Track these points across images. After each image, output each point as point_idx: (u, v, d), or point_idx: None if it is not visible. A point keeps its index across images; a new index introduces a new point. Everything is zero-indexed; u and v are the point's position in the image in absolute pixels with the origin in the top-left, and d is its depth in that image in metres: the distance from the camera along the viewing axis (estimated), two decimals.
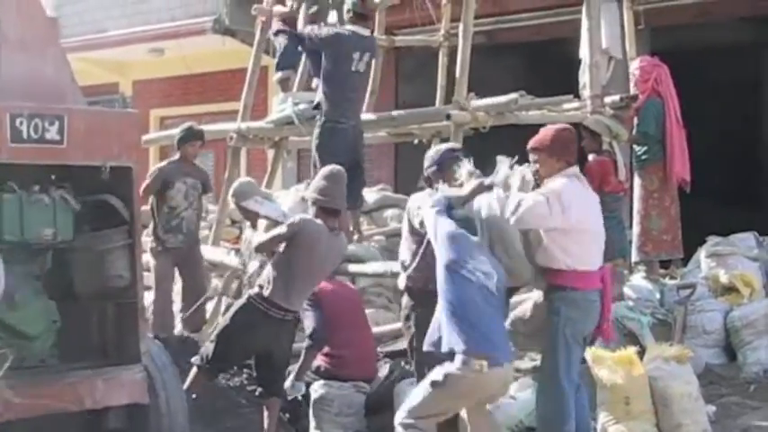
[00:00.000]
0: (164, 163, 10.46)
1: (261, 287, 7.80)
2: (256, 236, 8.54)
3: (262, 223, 9.01)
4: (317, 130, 9.98)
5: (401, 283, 7.54)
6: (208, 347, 7.96)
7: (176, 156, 10.39)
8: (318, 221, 7.79)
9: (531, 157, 6.91)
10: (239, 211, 9.41)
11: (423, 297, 7.20)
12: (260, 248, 8.06)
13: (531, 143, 6.94)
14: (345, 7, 10.17)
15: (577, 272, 6.74)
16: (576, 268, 6.73)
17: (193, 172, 10.28)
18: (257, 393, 8.41)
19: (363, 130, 10.36)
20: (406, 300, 7.54)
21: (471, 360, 6.36)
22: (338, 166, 8.16)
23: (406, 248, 7.50)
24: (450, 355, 6.44)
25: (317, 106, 10.06)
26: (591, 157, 9.81)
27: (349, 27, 10.02)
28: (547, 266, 6.79)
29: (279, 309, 7.75)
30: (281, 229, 7.81)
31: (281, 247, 7.79)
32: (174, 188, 10.00)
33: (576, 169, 6.91)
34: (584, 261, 6.77)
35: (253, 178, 10.92)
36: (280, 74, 11.31)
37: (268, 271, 7.84)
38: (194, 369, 7.95)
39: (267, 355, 7.96)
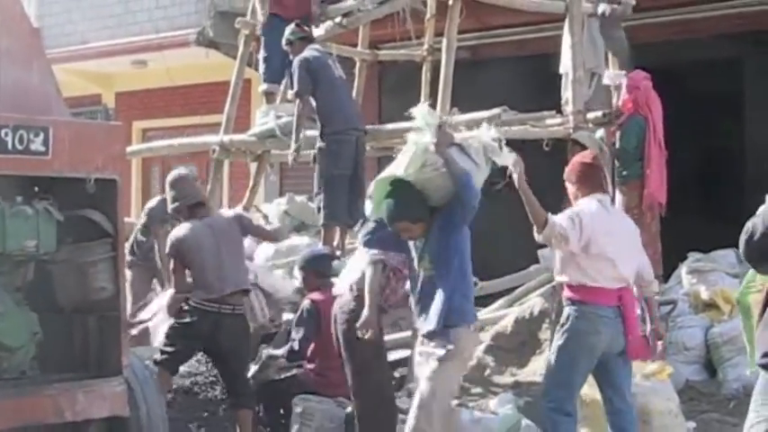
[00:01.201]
0: (153, 203, 10.48)
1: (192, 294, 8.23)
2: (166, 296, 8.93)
3: None
4: (320, 144, 9.93)
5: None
6: (161, 346, 8.44)
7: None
8: (185, 226, 8.29)
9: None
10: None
11: None
12: (179, 289, 8.37)
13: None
14: (288, 39, 10.25)
15: (588, 287, 6.80)
16: (587, 283, 6.80)
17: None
18: (228, 405, 8.55)
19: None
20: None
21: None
22: (178, 171, 8.68)
23: None
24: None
25: (321, 126, 10.01)
26: None
27: (308, 48, 10.11)
28: (561, 280, 6.95)
29: (211, 301, 8.12)
30: (166, 253, 8.56)
31: (180, 260, 8.29)
32: (163, 229, 10.09)
33: (602, 196, 7.08)
34: (597, 279, 6.82)
35: (234, 191, 10.95)
36: (266, 86, 11.33)
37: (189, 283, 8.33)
38: (156, 368, 8.13)
39: (215, 351, 8.34)
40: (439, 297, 6.59)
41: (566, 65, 10.70)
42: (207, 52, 16.03)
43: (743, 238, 4.97)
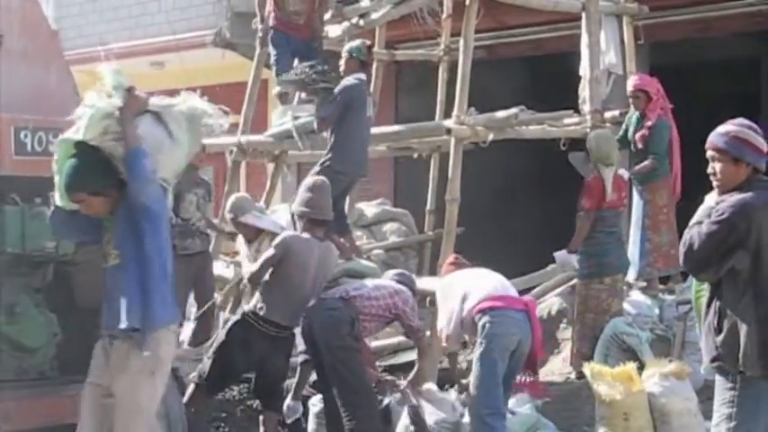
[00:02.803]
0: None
1: (256, 305, 7.85)
2: (245, 266, 8.61)
3: (243, 250, 9.28)
4: (321, 169, 9.74)
5: None
6: (205, 364, 7.97)
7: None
8: (305, 235, 7.90)
9: None
10: (235, 227, 9.40)
11: None
12: (253, 279, 8.00)
13: None
14: (349, 54, 9.88)
15: (492, 296, 7.45)
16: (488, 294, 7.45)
17: (201, 184, 10.36)
18: (255, 406, 8.46)
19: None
20: None
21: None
22: (322, 177, 8.42)
23: None
24: None
25: (328, 155, 9.75)
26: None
27: (357, 75, 9.81)
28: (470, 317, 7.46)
29: (276, 327, 7.81)
30: (270, 253, 7.84)
31: (274, 266, 7.85)
32: (185, 200, 10.02)
33: None
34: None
35: (252, 192, 10.94)
36: (278, 88, 11.32)
37: (263, 289, 7.89)
38: (192, 385, 7.95)
39: (264, 371, 8.02)
40: (130, 294, 5.82)
41: (583, 64, 10.68)
42: (224, 53, 16.03)
43: (682, 250, 5.29)
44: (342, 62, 9.93)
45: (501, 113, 9.86)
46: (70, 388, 6.54)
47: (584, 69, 10.66)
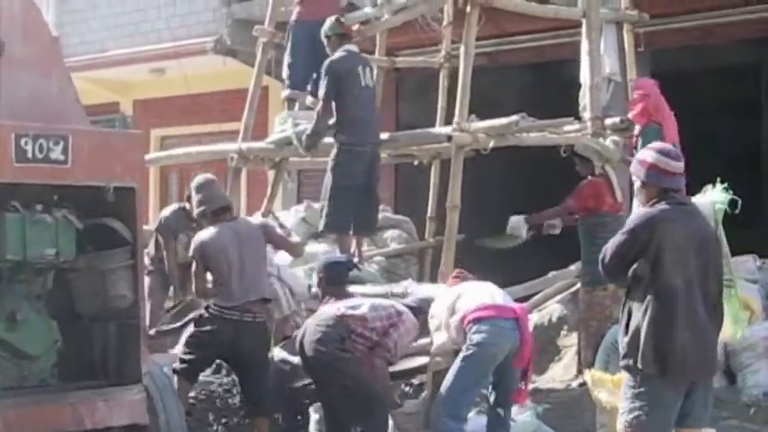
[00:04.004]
0: (167, 212, 10.43)
1: (212, 299, 8.27)
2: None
3: None
4: (333, 152, 9.91)
5: None
6: (180, 354, 8.41)
7: (182, 205, 10.34)
8: (211, 230, 8.31)
9: None
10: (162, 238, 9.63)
11: None
12: (199, 292, 8.45)
13: None
14: (326, 37, 10.15)
15: (481, 306, 7.47)
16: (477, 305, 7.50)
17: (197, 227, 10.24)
18: (245, 413, 8.55)
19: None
20: None
21: None
22: (205, 175, 8.74)
23: None
24: None
25: (335, 134, 9.99)
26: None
27: (343, 48, 10.03)
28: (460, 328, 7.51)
29: (236, 310, 8.13)
30: (194, 265, 8.38)
31: (203, 266, 8.31)
32: (180, 242, 10.03)
33: None
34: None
35: (252, 199, 10.94)
36: (288, 91, 11.31)
37: (212, 286, 8.35)
38: (175, 376, 8.16)
39: (237, 360, 8.34)
40: None
41: (584, 72, 10.68)
42: (224, 60, 16.05)
43: (599, 258, 6.06)
44: (327, 49, 10.15)
45: (502, 121, 9.86)
46: (71, 395, 6.54)
47: (584, 77, 10.66)
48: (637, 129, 10.16)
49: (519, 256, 11.43)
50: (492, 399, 7.62)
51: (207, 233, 8.32)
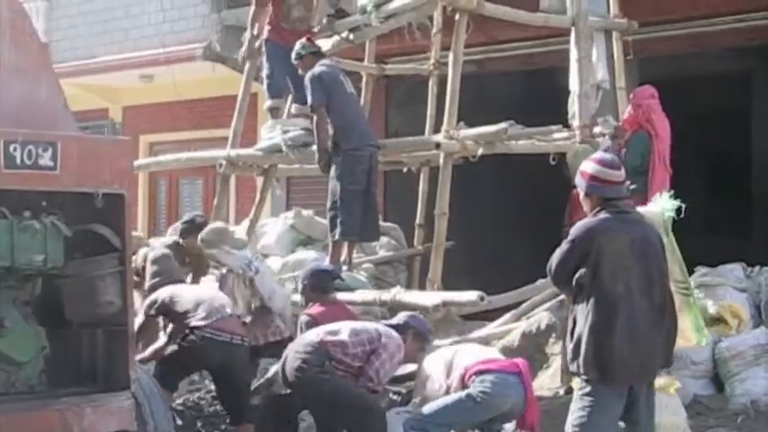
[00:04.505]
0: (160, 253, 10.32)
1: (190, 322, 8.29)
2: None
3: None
4: (337, 159, 9.89)
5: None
6: (156, 372, 8.29)
7: (174, 240, 10.04)
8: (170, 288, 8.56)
9: None
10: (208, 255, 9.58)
11: None
12: (141, 333, 8.28)
13: None
14: (299, 57, 10.27)
15: (481, 361, 7.39)
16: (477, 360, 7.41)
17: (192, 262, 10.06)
18: (228, 421, 8.56)
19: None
20: None
21: None
22: (160, 251, 9.09)
23: None
24: None
25: (334, 142, 9.98)
26: None
27: (319, 64, 10.08)
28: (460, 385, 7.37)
29: (223, 331, 8.18)
30: (146, 314, 8.45)
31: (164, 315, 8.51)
32: None
33: None
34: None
35: (241, 206, 10.93)
36: (270, 102, 11.37)
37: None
38: None
39: (223, 380, 8.42)
40: None
41: (573, 79, 10.70)
42: (213, 66, 16.06)
43: (547, 267, 6.24)
44: (299, 70, 10.22)
45: (490, 128, 9.88)
46: (59, 402, 6.52)
47: (573, 84, 10.68)
48: (625, 135, 10.20)
49: (507, 264, 11.45)
50: None
51: (165, 292, 8.53)
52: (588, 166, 6.21)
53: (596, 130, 10.36)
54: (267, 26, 11.38)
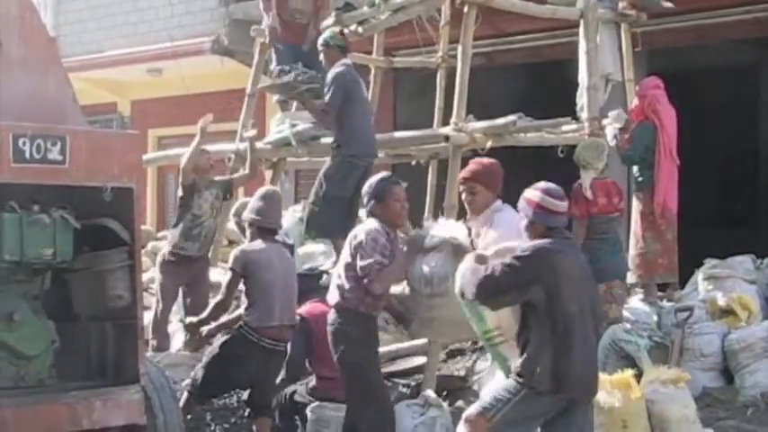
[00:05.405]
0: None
1: (247, 317, 7.99)
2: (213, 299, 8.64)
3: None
4: (335, 159, 9.79)
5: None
6: (198, 373, 8.15)
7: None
8: (258, 245, 8.10)
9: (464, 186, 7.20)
10: (239, 230, 9.49)
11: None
12: (222, 306, 8.22)
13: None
14: (326, 44, 9.94)
15: None
16: None
17: (215, 183, 10.42)
18: (246, 413, 8.52)
19: None
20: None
21: None
22: (273, 188, 8.71)
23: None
24: None
25: (338, 144, 9.83)
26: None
27: (342, 62, 9.85)
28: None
29: (269, 337, 7.94)
30: (228, 276, 8.10)
31: (242, 282, 8.06)
32: (201, 197, 10.09)
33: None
34: None
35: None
36: (278, 95, 11.36)
37: (245, 303, 8.09)
38: (185, 393, 8.08)
39: (258, 385, 8.18)
40: None
41: (581, 72, 10.69)
42: (222, 60, 16.06)
43: (479, 276, 6.13)
44: (321, 56, 10.00)
45: (499, 121, 9.86)
46: (69, 396, 6.54)
47: (582, 76, 10.67)
48: (631, 126, 10.18)
49: None
50: None
51: (257, 249, 8.11)
52: (534, 195, 6.27)
53: (605, 122, 10.35)
54: (276, 20, 11.33)
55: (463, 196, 7.46)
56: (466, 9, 10.13)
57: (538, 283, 6.04)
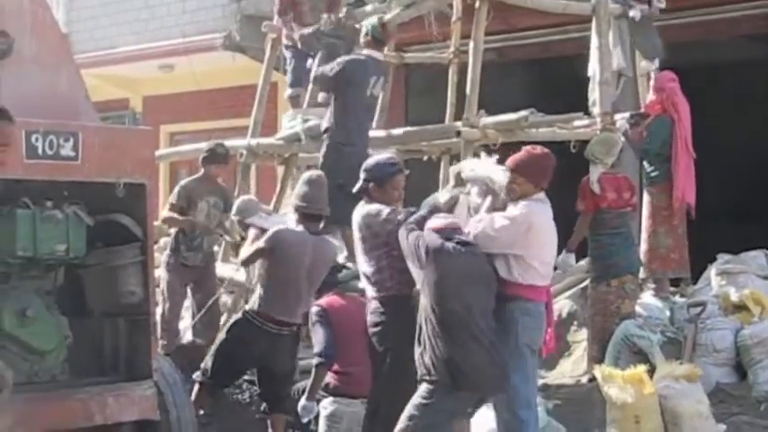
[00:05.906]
0: (186, 180, 10.45)
1: (254, 302, 7.99)
2: (243, 249, 8.56)
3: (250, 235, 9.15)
4: (324, 150, 9.87)
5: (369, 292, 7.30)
6: (207, 363, 8.15)
7: (200, 173, 10.37)
8: (298, 229, 7.97)
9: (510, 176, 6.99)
10: (242, 229, 9.45)
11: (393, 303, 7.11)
12: (245, 263, 8.28)
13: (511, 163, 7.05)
14: (363, 30, 9.99)
15: (530, 285, 6.79)
16: (530, 282, 6.79)
17: (216, 191, 10.30)
18: (263, 409, 8.51)
19: (373, 147, 10.31)
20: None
21: None
22: (319, 171, 8.43)
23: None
24: None
25: (326, 130, 9.90)
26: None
27: (366, 52, 9.91)
28: (504, 277, 6.77)
29: (273, 322, 7.92)
30: (260, 244, 7.94)
31: (266, 261, 7.95)
32: (196, 208, 10.04)
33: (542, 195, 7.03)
34: (536, 278, 6.83)
35: (262, 195, 10.93)
36: (290, 91, 11.38)
37: (260, 286, 8.05)
38: (197, 385, 8.07)
39: (267, 370, 8.14)
40: None
41: (593, 66, 10.67)
42: (234, 56, 16.05)
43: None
44: (361, 37, 10.04)
45: (511, 116, 9.86)
46: (82, 391, 6.55)
47: (593, 71, 10.65)
48: (648, 119, 10.15)
49: None
50: None
51: (295, 233, 7.97)
52: (435, 223, 6.82)
53: (617, 116, 10.33)
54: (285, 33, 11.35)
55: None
56: (477, 4, 10.14)
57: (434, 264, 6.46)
